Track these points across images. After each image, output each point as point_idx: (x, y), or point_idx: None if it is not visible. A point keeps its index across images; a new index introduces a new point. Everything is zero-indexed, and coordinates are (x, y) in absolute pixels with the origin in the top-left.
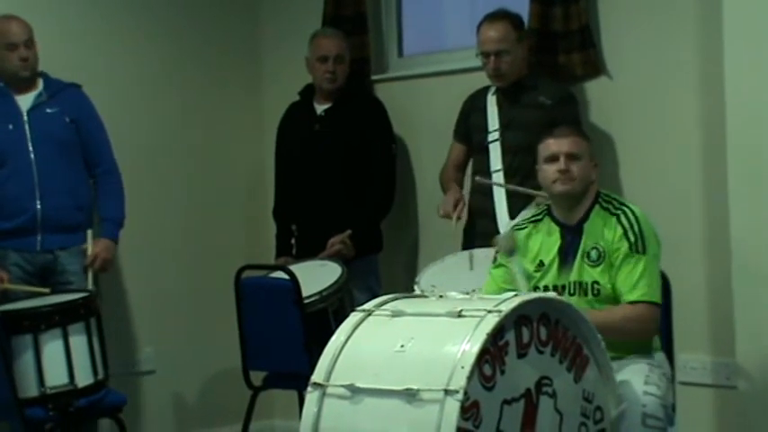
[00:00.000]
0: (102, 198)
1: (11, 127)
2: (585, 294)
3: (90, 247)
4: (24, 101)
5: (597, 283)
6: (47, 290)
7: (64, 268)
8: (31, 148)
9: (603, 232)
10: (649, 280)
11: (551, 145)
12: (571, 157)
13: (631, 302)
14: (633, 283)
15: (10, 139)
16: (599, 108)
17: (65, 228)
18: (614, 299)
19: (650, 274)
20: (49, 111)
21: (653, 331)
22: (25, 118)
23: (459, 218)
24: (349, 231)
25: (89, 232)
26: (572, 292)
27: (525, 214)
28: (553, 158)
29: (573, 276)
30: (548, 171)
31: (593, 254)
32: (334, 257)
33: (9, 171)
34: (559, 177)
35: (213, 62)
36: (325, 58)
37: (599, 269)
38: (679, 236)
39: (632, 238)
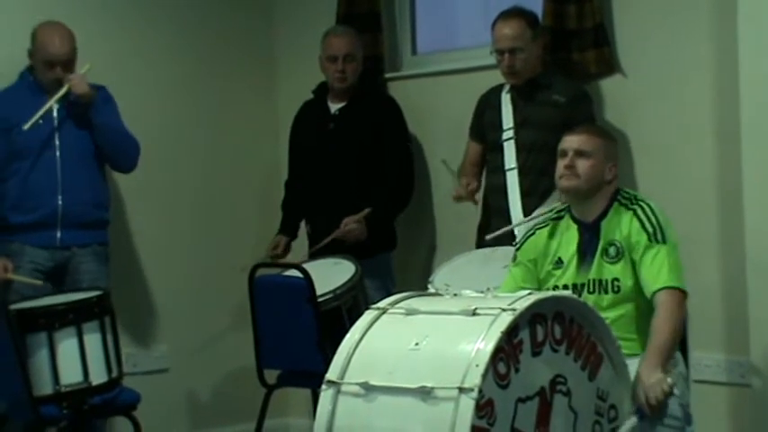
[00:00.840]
0: None
1: (40, 122)
2: (606, 292)
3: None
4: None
5: (617, 279)
6: (39, 282)
7: (77, 267)
8: (57, 144)
9: (620, 228)
10: (673, 267)
11: (564, 141)
12: (579, 153)
13: (657, 291)
14: (658, 272)
15: (37, 134)
16: (613, 106)
17: (83, 224)
18: (634, 295)
19: (673, 261)
20: (77, 110)
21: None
22: (54, 114)
23: (472, 194)
24: (367, 210)
25: (87, 64)
26: (591, 290)
27: (541, 211)
28: (563, 154)
29: (592, 274)
30: (557, 166)
31: (612, 250)
32: (347, 255)
33: (33, 165)
34: (564, 173)
35: (227, 61)
36: (335, 58)
37: (618, 266)
38: (694, 233)
39: (650, 229)
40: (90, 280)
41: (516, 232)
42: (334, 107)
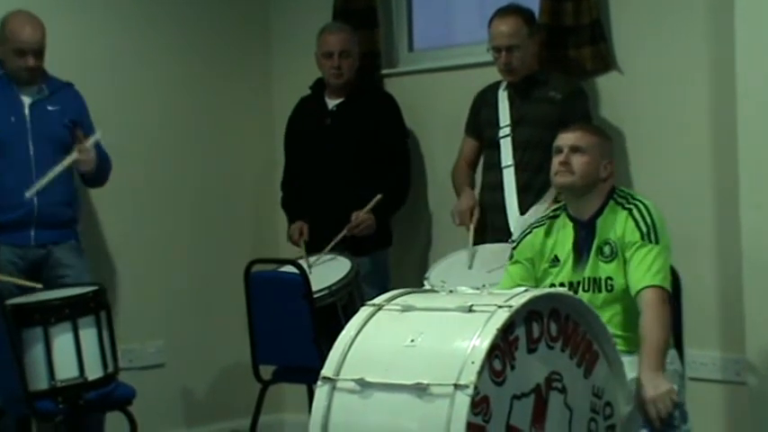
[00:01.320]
0: None
1: (13, 119)
2: (599, 291)
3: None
4: (26, 94)
5: (611, 278)
6: (39, 285)
7: (58, 262)
8: (30, 143)
9: (615, 227)
10: (661, 268)
11: (559, 138)
12: (574, 150)
13: (643, 289)
14: (646, 270)
15: (11, 131)
16: (609, 103)
17: (58, 223)
18: (627, 294)
19: (662, 262)
20: (50, 108)
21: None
22: (26, 112)
23: (475, 227)
24: (378, 197)
25: (98, 132)
26: (586, 288)
27: (538, 209)
28: (558, 151)
29: (587, 272)
30: (553, 163)
31: (606, 249)
32: (344, 252)
33: (8, 163)
34: (560, 169)
35: (223, 57)
36: (330, 54)
37: (613, 264)
38: (689, 231)
39: (644, 229)
40: (75, 275)
41: (512, 229)
42: (332, 103)
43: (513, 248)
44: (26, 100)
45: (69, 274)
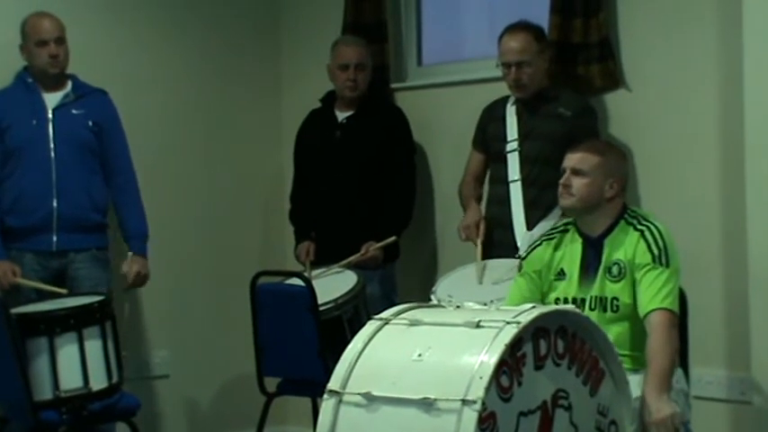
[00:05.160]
0: (123, 212)
1: (34, 122)
2: (605, 310)
3: (130, 266)
4: (51, 99)
5: (617, 298)
6: (65, 290)
7: (76, 274)
8: (51, 146)
9: (625, 247)
10: (671, 291)
11: (565, 159)
12: (575, 172)
13: (652, 311)
14: (655, 293)
15: (32, 135)
16: (618, 120)
17: (81, 228)
18: (634, 313)
19: (672, 286)
20: (74, 112)
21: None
22: (50, 116)
23: (482, 241)
24: (393, 238)
25: (129, 254)
26: (592, 307)
27: (545, 225)
28: (562, 172)
29: (594, 291)
30: (559, 185)
31: (615, 269)
32: (352, 267)
33: (28, 166)
34: (561, 192)
35: (233, 68)
36: (346, 66)
37: (620, 284)
38: (696, 249)
39: (656, 252)
40: (90, 286)
41: (519, 244)
42: (342, 116)
43: (523, 260)
44: (50, 104)
45: (85, 285)
